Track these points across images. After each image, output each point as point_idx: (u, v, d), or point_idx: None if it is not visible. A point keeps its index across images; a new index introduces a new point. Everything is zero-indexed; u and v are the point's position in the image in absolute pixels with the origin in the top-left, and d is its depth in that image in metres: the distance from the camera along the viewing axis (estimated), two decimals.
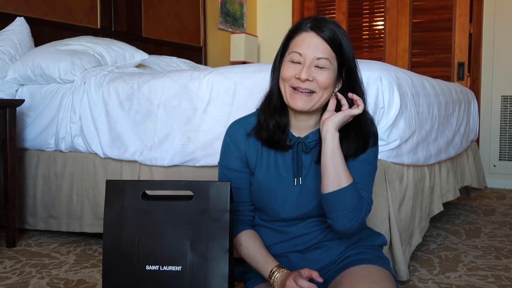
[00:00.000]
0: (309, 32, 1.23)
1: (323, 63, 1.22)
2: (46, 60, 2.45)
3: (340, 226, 1.22)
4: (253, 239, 1.31)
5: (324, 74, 1.22)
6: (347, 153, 1.25)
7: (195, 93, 2.05)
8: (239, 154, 1.34)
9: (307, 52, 1.22)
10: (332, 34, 1.22)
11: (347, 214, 1.20)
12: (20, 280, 1.85)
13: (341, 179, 1.19)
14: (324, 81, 1.22)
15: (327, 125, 1.21)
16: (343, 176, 1.20)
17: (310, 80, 1.21)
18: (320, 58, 1.22)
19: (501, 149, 4.12)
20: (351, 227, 1.21)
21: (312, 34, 1.23)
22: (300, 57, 1.22)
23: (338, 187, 1.19)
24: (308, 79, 1.21)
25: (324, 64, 1.22)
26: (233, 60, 4.57)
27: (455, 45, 4.20)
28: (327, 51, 1.22)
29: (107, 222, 1.24)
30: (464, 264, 2.04)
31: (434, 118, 2.23)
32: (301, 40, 1.24)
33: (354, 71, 1.27)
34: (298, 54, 1.22)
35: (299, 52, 1.22)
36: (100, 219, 2.29)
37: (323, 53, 1.22)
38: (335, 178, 1.19)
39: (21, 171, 2.52)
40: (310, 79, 1.21)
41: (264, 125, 1.30)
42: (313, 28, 1.23)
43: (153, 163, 2.14)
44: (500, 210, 3.16)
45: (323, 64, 1.22)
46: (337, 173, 1.19)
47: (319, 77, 1.22)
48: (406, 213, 1.86)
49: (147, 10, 3.72)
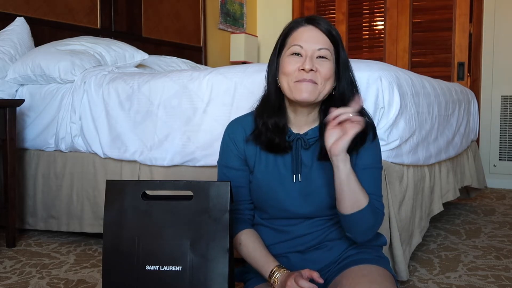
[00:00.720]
0: (307, 26, 1.25)
1: (324, 53, 1.23)
2: (46, 60, 2.45)
3: (360, 240, 1.28)
4: (253, 238, 1.31)
5: (326, 65, 1.23)
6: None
7: (195, 93, 2.05)
8: (238, 153, 1.34)
9: (308, 44, 1.23)
10: (328, 27, 1.26)
11: (367, 230, 1.25)
12: (20, 280, 1.85)
13: (359, 201, 1.20)
14: (327, 71, 1.23)
15: (337, 151, 1.16)
16: (361, 197, 1.20)
17: (314, 70, 1.22)
18: (321, 48, 1.23)
19: (501, 149, 4.12)
20: (370, 237, 1.28)
21: (310, 27, 1.25)
22: (301, 49, 1.23)
23: (358, 209, 1.20)
24: (312, 69, 1.21)
25: (325, 54, 1.23)
26: (233, 60, 4.57)
27: (455, 45, 4.20)
28: (327, 42, 1.24)
29: (107, 222, 1.24)
30: (464, 264, 2.04)
31: (434, 118, 2.23)
32: (299, 34, 1.25)
33: (349, 68, 1.28)
34: (299, 46, 1.23)
35: (299, 44, 1.23)
36: (100, 219, 2.29)
37: (323, 44, 1.24)
38: (354, 201, 1.20)
39: (21, 171, 2.52)
40: (314, 69, 1.22)
41: (263, 129, 1.29)
42: (309, 22, 1.26)
43: (153, 163, 2.14)
44: (500, 210, 3.16)
45: (324, 54, 1.23)
46: (355, 196, 1.19)
47: (322, 67, 1.23)
48: (406, 213, 1.86)
49: (147, 10, 3.72)
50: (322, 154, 1.26)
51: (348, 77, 1.28)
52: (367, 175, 1.27)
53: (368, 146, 1.28)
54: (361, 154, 1.28)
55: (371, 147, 1.29)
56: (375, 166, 1.30)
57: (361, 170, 1.27)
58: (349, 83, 1.28)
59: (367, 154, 1.28)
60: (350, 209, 1.20)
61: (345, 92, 1.26)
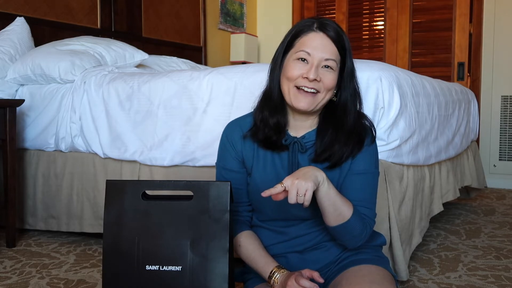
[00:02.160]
0: (318, 33, 1.24)
1: (330, 63, 1.23)
2: (46, 60, 2.45)
3: (351, 246, 1.29)
4: (252, 240, 1.31)
5: (330, 75, 1.23)
6: (342, 155, 1.25)
7: (195, 93, 2.05)
8: (236, 155, 1.33)
9: (316, 52, 1.22)
10: (338, 36, 1.24)
11: (354, 238, 1.24)
12: (20, 280, 1.85)
13: (342, 215, 1.21)
14: (330, 82, 1.23)
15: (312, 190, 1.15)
16: (344, 210, 1.20)
17: (318, 80, 1.21)
18: (328, 59, 1.22)
19: (501, 149, 4.12)
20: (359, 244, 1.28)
21: (321, 34, 1.23)
22: (308, 56, 1.22)
23: (341, 221, 1.21)
24: (316, 79, 1.21)
25: (332, 64, 1.23)
26: (233, 60, 4.57)
27: (455, 45, 4.20)
28: (335, 53, 1.23)
29: (107, 222, 1.24)
30: (464, 264, 2.04)
31: (434, 118, 2.23)
32: (309, 39, 1.23)
33: (354, 77, 1.27)
34: (307, 53, 1.22)
35: (307, 51, 1.22)
36: (100, 219, 2.29)
37: (331, 54, 1.23)
38: (336, 215, 1.21)
39: (21, 171, 2.52)
40: (317, 79, 1.21)
41: (261, 126, 1.29)
42: (321, 28, 1.24)
43: (153, 163, 2.14)
44: (500, 210, 3.16)
45: (330, 65, 1.23)
46: (336, 211, 1.20)
47: (325, 78, 1.22)
48: (406, 213, 1.86)
49: (147, 10, 3.72)
50: (316, 157, 1.26)
51: (352, 86, 1.27)
52: (360, 181, 1.27)
53: (365, 150, 1.28)
54: (357, 158, 1.28)
55: (367, 151, 1.28)
56: (369, 171, 1.28)
57: (355, 176, 1.27)
58: (353, 94, 1.27)
59: (362, 158, 1.28)
60: (333, 222, 1.21)
61: (347, 102, 1.26)
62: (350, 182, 1.27)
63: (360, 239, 1.25)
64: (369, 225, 1.26)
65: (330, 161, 1.26)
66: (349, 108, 1.26)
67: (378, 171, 1.32)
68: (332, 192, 1.18)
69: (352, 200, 1.25)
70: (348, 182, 1.27)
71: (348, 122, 1.25)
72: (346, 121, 1.25)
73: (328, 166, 1.26)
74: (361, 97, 1.30)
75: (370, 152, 1.29)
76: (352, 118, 1.26)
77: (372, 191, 1.30)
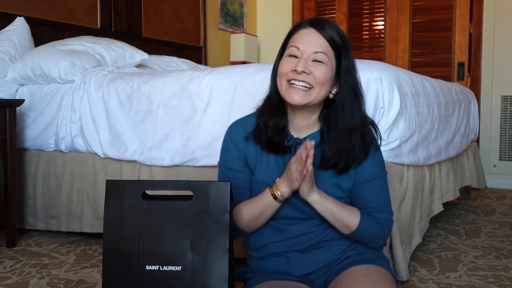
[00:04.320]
0: (308, 28, 1.25)
1: (320, 57, 1.22)
2: (46, 60, 2.45)
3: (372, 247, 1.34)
4: (247, 201, 1.32)
5: (321, 69, 1.22)
6: (347, 163, 1.26)
7: (195, 93, 2.05)
8: (239, 154, 1.33)
9: (305, 46, 1.22)
10: (331, 31, 1.23)
11: (372, 241, 1.31)
12: (20, 280, 1.85)
13: (348, 226, 1.26)
14: (321, 75, 1.21)
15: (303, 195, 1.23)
16: (349, 221, 1.26)
17: (307, 72, 1.20)
18: (317, 52, 1.22)
19: (501, 149, 4.12)
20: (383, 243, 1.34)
21: (311, 30, 1.24)
22: (298, 51, 1.23)
23: (350, 230, 1.27)
24: (305, 71, 1.20)
25: (322, 58, 1.22)
26: (233, 60, 4.57)
27: (455, 45, 4.20)
28: (325, 46, 1.23)
29: (107, 222, 1.24)
30: (464, 264, 2.04)
31: (434, 118, 2.23)
32: (299, 35, 1.25)
33: (353, 75, 1.26)
34: (296, 48, 1.23)
35: (296, 46, 1.23)
36: (100, 219, 2.28)
37: (320, 47, 1.22)
38: (342, 226, 1.27)
39: (21, 171, 2.52)
40: (306, 71, 1.20)
41: (264, 128, 1.29)
42: (312, 24, 1.25)
43: (153, 163, 2.14)
44: (500, 210, 3.16)
45: (320, 58, 1.22)
46: (340, 223, 1.26)
47: (316, 71, 1.21)
48: (406, 213, 1.86)
49: (147, 10, 3.72)
50: (323, 162, 1.27)
51: (351, 84, 1.25)
52: (372, 188, 1.29)
53: (371, 157, 1.29)
54: (364, 166, 1.28)
55: (373, 157, 1.29)
56: (378, 175, 1.30)
57: (366, 183, 1.29)
58: (353, 92, 1.25)
59: (370, 164, 1.29)
60: (343, 230, 1.28)
61: (346, 100, 1.24)
62: (362, 191, 1.29)
63: (378, 241, 1.31)
64: (386, 227, 1.31)
65: (337, 168, 1.27)
66: (349, 106, 1.25)
67: (386, 172, 1.34)
68: (333, 206, 1.24)
69: (367, 207, 1.28)
70: (360, 191, 1.29)
71: (349, 122, 1.24)
72: (346, 120, 1.24)
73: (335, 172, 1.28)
74: (363, 97, 1.29)
75: (376, 157, 1.31)
76: (354, 118, 1.24)
77: (385, 194, 1.33)
